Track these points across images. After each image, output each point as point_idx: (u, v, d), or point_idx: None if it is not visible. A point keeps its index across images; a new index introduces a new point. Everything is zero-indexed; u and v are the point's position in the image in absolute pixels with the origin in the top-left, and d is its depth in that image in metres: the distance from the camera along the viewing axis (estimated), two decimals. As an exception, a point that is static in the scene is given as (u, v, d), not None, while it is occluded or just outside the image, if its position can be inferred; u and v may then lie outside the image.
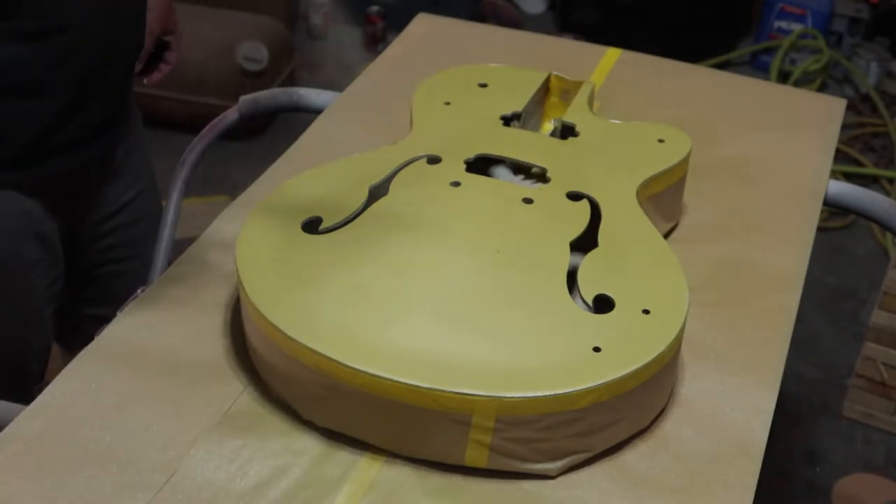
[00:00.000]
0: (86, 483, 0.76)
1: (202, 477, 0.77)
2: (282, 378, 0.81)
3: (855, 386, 2.05)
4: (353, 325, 0.79)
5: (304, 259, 0.85)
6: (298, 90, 1.28)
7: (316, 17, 3.31)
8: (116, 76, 1.17)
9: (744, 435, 0.83)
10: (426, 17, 1.47)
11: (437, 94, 1.10)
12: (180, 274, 0.97)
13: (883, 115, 2.96)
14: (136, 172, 1.30)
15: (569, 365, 0.77)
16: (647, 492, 0.78)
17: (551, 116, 1.15)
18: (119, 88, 1.20)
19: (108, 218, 1.28)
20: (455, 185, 0.94)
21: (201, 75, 2.69)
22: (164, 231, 1.17)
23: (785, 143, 1.22)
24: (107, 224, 1.28)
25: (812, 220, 1.10)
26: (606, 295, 0.83)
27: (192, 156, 1.21)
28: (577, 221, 0.90)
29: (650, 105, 1.26)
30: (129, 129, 1.27)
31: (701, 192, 1.11)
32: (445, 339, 0.78)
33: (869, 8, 3.22)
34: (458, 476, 0.78)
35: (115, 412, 0.82)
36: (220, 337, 0.90)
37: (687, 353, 0.89)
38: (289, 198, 0.92)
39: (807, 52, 3.17)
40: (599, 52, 1.39)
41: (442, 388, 0.74)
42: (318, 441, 0.80)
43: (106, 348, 0.88)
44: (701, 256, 1.02)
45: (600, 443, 0.80)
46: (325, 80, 3.03)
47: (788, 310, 0.97)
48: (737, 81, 1.39)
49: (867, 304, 2.32)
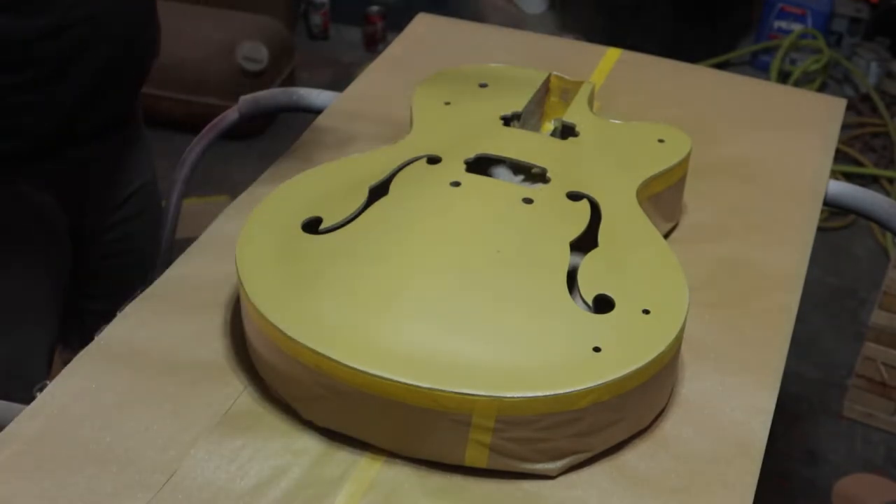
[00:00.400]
0: (86, 483, 0.76)
1: (202, 477, 0.77)
2: (282, 378, 0.81)
3: (855, 386, 2.06)
4: (353, 325, 0.79)
5: (304, 259, 0.85)
6: (298, 90, 1.28)
7: (316, 17, 3.31)
8: (132, 69, 1.18)
9: (744, 435, 0.83)
10: (426, 17, 1.47)
11: (437, 94, 1.10)
12: (180, 274, 0.97)
13: (883, 115, 2.96)
14: (139, 166, 1.30)
15: (569, 365, 0.77)
16: (647, 492, 0.78)
17: (551, 116, 1.15)
18: (134, 83, 1.21)
19: (113, 211, 1.28)
20: (455, 185, 0.94)
21: (201, 75, 2.69)
22: (164, 231, 1.17)
23: (785, 143, 1.22)
24: (112, 217, 1.29)
25: (812, 220, 1.10)
26: (606, 295, 0.83)
27: (192, 156, 1.21)
28: (577, 221, 0.90)
29: (650, 105, 1.26)
30: (133, 122, 1.28)
31: (701, 192, 1.11)
32: (445, 339, 0.78)
33: (869, 8, 3.22)
34: (458, 476, 0.78)
35: (115, 412, 0.82)
36: (220, 337, 0.90)
37: (687, 353, 0.89)
38: (289, 198, 0.92)
39: (807, 52, 3.17)
40: (599, 52, 1.39)
41: (442, 388, 0.74)
42: (318, 441, 0.80)
43: (106, 348, 0.88)
44: (701, 256, 1.02)
45: (600, 443, 0.80)
46: (325, 80, 3.03)
47: (788, 310, 0.97)
48: (737, 81, 1.39)
49: (867, 304, 2.32)
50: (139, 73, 1.21)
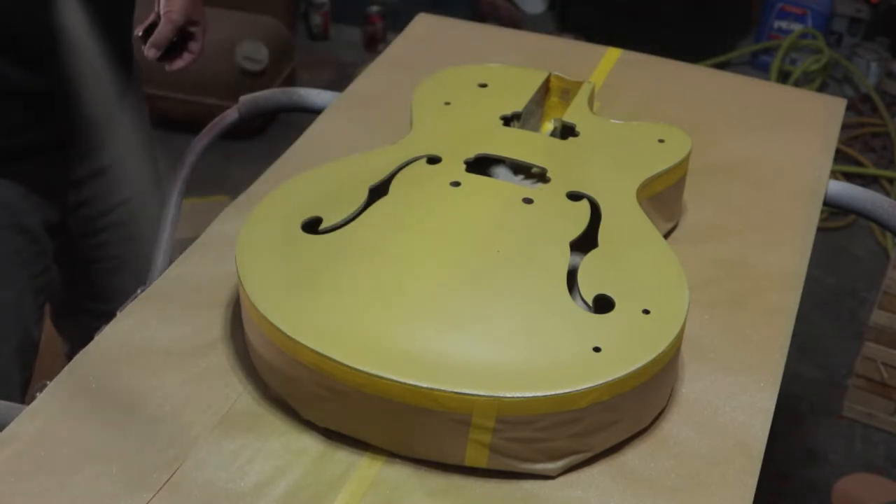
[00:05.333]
0: (86, 483, 0.76)
1: (202, 477, 0.77)
2: (282, 378, 0.81)
3: (855, 386, 2.06)
4: (353, 325, 0.79)
5: (304, 259, 0.85)
6: (298, 90, 1.28)
7: (316, 17, 3.31)
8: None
9: (744, 435, 0.83)
10: (426, 17, 1.47)
11: (437, 94, 1.09)
12: (180, 274, 0.97)
13: (883, 115, 2.96)
14: (137, 173, 1.30)
15: (569, 365, 0.76)
16: (647, 492, 0.78)
17: (551, 116, 1.15)
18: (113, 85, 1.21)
19: (102, 215, 1.28)
20: (455, 185, 0.94)
21: (201, 75, 2.69)
22: (164, 231, 1.17)
23: (785, 143, 1.22)
24: (100, 221, 1.29)
25: (812, 220, 1.10)
26: (606, 295, 0.83)
27: (192, 156, 1.21)
28: (577, 221, 0.90)
29: (650, 105, 1.26)
30: (127, 128, 1.27)
31: (701, 192, 1.11)
32: (445, 339, 0.78)
33: (869, 8, 3.22)
34: (458, 476, 0.78)
35: (116, 412, 0.82)
36: (220, 337, 0.90)
37: (687, 353, 0.89)
38: (289, 198, 0.92)
39: (807, 52, 3.17)
40: (599, 52, 1.39)
41: (442, 388, 0.74)
42: (318, 441, 0.80)
43: (106, 348, 0.88)
44: (701, 256, 1.02)
45: (600, 443, 0.80)
46: (325, 80, 3.03)
47: (788, 310, 0.97)
48: (737, 81, 1.39)
49: (867, 304, 2.32)
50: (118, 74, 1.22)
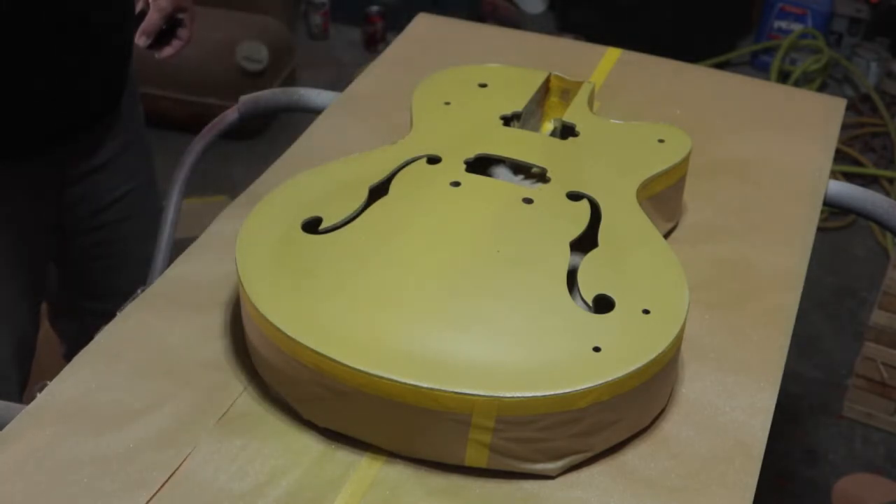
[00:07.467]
0: (86, 483, 0.76)
1: (202, 477, 0.77)
2: (282, 378, 0.81)
3: (855, 386, 2.06)
4: (353, 325, 0.79)
5: (304, 259, 0.85)
6: (298, 90, 1.28)
7: (316, 17, 3.31)
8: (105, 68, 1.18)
9: (744, 435, 0.83)
10: (426, 17, 1.47)
11: (437, 94, 1.09)
12: (180, 274, 0.97)
13: (883, 115, 2.96)
14: (131, 170, 1.30)
15: (569, 365, 0.76)
16: (647, 492, 0.78)
17: (551, 116, 1.15)
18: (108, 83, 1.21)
19: (98, 213, 1.28)
20: (455, 185, 0.94)
21: (201, 75, 2.69)
22: (164, 231, 1.17)
23: (785, 143, 1.22)
24: (95, 219, 1.29)
25: (812, 220, 1.10)
26: (606, 295, 0.83)
27: (192, 156, 1.21)
28: (577, 221, 0.90)
29: (650, 105, 1.26)
30: (120, 126, 1.27)
31: (701, 192, 1.11)
32: (445, 339, 0.78)
33: (869, 8, 3.22)
34: (458, 476, 0.78)
35: (116, 412, 0.82)
36: (220, 337, 0.90)
37: (687, 353, 0.89)
38: (289, 198, 0.92)
39: (807, 52, 3.17)
40: (599, 52, 1.39)
41: (442, 388, 0.74)
42: (318, 441, 0.80)
43: (106, 348, 0.88)
44: (701, 256, 1.02)
45: (600, 443, 0.80)
46: (325, 80, 3.03)
47: (788, 310, 0.97)
48: (737, 81, 1.39)
49: (867, 304, 2.32)
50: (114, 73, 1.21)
